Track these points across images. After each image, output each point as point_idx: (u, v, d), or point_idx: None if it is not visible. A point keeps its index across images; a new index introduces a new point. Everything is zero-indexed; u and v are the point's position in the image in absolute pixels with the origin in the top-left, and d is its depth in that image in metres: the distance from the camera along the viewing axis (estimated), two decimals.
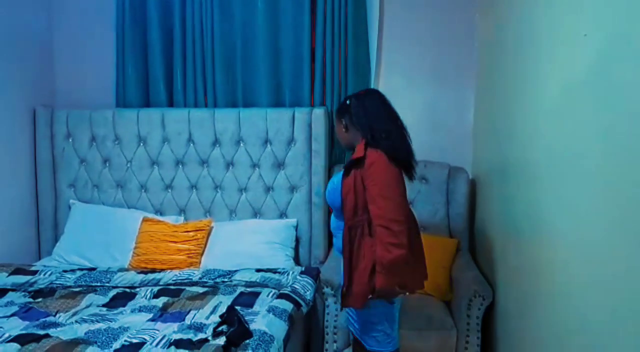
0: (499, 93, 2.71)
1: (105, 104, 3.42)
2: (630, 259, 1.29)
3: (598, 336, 1.46)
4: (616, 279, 1.35)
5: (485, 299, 2.60)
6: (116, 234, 3.06)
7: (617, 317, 1.34)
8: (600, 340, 1.44)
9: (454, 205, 3.14)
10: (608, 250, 1.40)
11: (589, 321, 1.52)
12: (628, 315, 1.28)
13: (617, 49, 1.40)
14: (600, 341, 1.44)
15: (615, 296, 1.35)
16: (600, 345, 1.44)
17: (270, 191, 3.16)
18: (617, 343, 1.35)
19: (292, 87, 3.26)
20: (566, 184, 1.73)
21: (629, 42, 1.32)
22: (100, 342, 2.02)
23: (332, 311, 2.68)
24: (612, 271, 1.38)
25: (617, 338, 1.34)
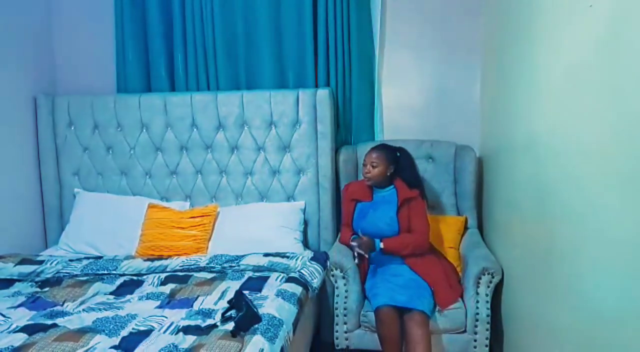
0: (504, 70, 2.64)
1: (107, 90, 3.38)
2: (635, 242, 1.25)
3: (608, 312, 1.43)
4: (626, 256, 1.32)
5: (494, 276, 2.58)
6: (122, 222, 3.04)
7: (628, 295, 1.31)
8: (611, 315, 1.41)
9: (461, 183, 3.10)
10: (617, 227, 1.36)
11: (598, 298, 1.49)
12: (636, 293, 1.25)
13: (625, 21, 1.33)
14: (611, 316, 1.40)
15: (626, 274, 1.32)
16: (610, 320, 1.40)
17: (276, 174, 3.13)
18: (628, 321, 1.31)
19: (295, 68, 3.20)
20: (573, 162, 1.69)
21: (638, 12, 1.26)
22: (108, 331, 2.00)
23: (342, 293, 2.66)
24: (622, 248, 1.34)
25: (628, 316, 1.31)
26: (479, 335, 2.59)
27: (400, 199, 2.68)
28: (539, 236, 2.06)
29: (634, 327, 1.28)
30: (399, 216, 2.67)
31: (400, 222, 2.66)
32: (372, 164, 2.69)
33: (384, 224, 2.68)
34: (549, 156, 1.93)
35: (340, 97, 3.20)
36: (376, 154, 2.70)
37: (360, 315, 2.65)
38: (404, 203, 2.67)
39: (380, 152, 2.71)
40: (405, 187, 2.70)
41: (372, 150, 2.73)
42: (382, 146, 2.77)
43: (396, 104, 3.29)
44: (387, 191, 2.75)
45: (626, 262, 1.31)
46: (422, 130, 3.24)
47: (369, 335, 2.63)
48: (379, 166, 2.69)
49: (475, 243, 2.89)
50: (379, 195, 2.77)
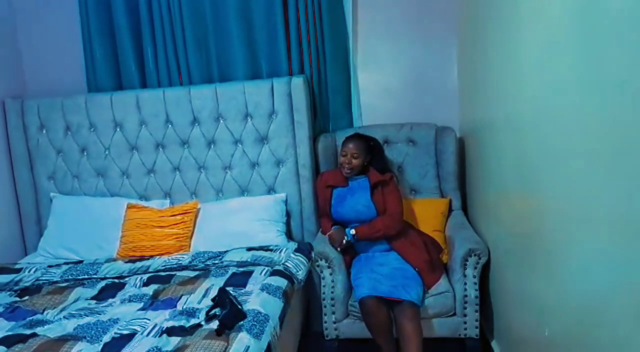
0: (481, 48, 2.61)
1: (77, 90, 3.28)
2: (624, 211, 1.23)
3: (596, 287, 1.41)
4: (612, 233, 1.29)
5: (481, 257, 2.57)
6: (101, 224, 2.98)
7: (615, 272, 1.29)
8: (598, 292, 1.39)
9: (443, 165, 3.07)
10: (603, 203, 1.34)
11: (585, 275, 1.47)
12: (626, 268, 1.23)
13: None
14: (598, 294, 1.39)
15: (613, 251, 1.30)
16: (598, 297, 1.39)
17: (255, 167, 3.07)
18: (615, 297, 1.30)
19: (268, 57, 3.14)
20: (554, 139, 1.66)
21: None
22: (89, 337, 1.95)
23: (328, 283, 2.63)
24: (608, 224, 1.32)
25: (615, 292, 1.29)
26: (468, 317, 2.58)
27: (372, 182, 2.72)
28: (524, 214, 2.04)
29: (621, 304, 1.26)
30: (373, 199, 2.71)
31: (376, 205, 2.70)
32: (353, 155, 2.71)
33: (362, 207, 2.71)
34: (531, 134, 1.90)
35: (316, 85, 3.15)
36: (355, 145, 2.72)
37: (348, 304, 2.63)
38: (377, 186, 2.72)
39: (358, 143, 2.73)
40: (377, 173, 2.75)
41: (350, 141, 2.74)
42: (358, 136, 2.79)
43: (373, 89, 3.25)
44: (361, 178, 2.79)
45: (612, 238, 1.29)
46: (401, 114, 3.20)
47: (358, 324, 2.61)
48: (359, 157, 2.72)
49: (460, 225, 2.88)
50: (353, 182, 2.80)
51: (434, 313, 2.56)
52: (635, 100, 1.13)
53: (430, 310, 2.55)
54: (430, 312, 2.55)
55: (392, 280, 2.49)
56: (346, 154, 2.72)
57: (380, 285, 2.46)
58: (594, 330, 1.43)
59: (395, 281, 2.49)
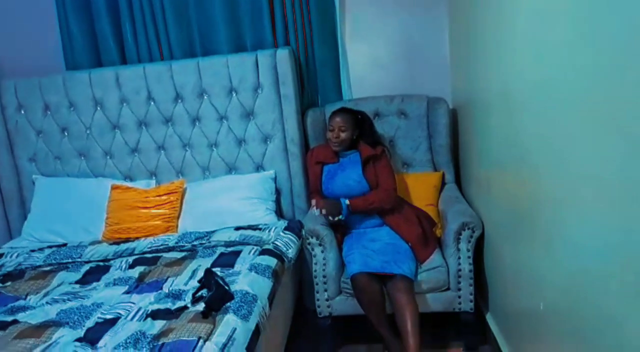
0: (473, 16, 2.50)
1: (55, 69, 3.17)
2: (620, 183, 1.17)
3: (590, 260, 1.36)
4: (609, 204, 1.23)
5: (474, 231, 2.51)
6: (85, 206, 2.90)
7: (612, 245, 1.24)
8: (594, 266, 1.34)
9: (436, 137, 2.99)
10: (599, 174, 1.27)
11: (582, 248, 1.42)
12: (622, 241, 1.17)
13: None
14: (594, 267, 1.34)
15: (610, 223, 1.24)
16: (594, 271, 1.33)
17: (242, 144, 2.99)
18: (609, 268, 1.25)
19: (252, 29, 3.02)
20: (549, 111, 1.58)
21: None
22: (72, 322, 1.89)
23: (320, 261, 2.57)
24: (604, 195, 1.26)
25: (612, 264, 1.24)
26: (462, 291, 2.53)
27: (364, 157, 2.64)
28: (519, 186, 1.97)
29: (617, 277, 1.21)
30: (365, 174, 2.63)
31: (368, 180, 2.62)
32: (341, 129, 2.63)
33: (354, 183, 2.64)
34: (526, 106, 1.82)
35: (303, 57, 3.04)
36: (341, 118, 2.64)
37: (341, 281, 2.57)
38: (369, 161, 2.64)
39: (346, 116, 2.65)
40: (368, 148, 2.66)
41: (337, 115, 2.66)
42: (345, 110, 2.71)
43: (363, 60, 3.14)
44: (352, 153, 2.70)
45: (609, 211, 1.23)
46: (392, 86, 3.11)
47: (351, 300, 2.55)
48: (347, 130, 2.64)
49: (453, 198, 2.81)
50: (344, 157, 2.71)
51: (428, 288, 2.51)
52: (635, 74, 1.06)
53: (424, 285, 2.50)
54: (424, 287, 2.50)
55: (383, 255, 2.44)
56: (333, 128, 2.64)
57: (372, 261, 2.41)
58: (588, 304, 1.38)
59: (387, 256, 2.43)
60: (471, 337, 2.60)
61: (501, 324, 2.45)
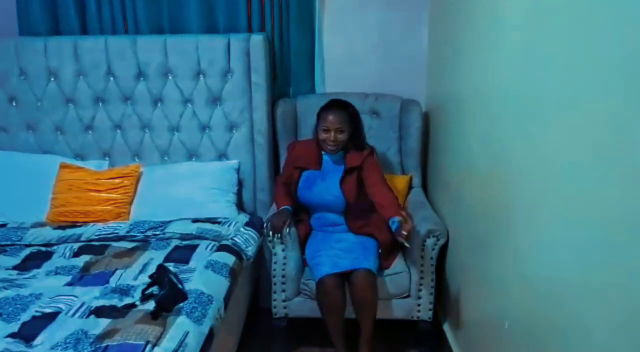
0: (455, 13, 2.43)
1: (7, 32, 2.91)
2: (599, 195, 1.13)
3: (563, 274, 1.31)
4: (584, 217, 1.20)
5: (439, 239, 2.46)
6: (30, 184, 2.67)
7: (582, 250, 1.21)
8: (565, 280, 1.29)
9: (407, 140, 2.92)
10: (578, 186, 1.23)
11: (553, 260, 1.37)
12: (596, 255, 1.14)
13: None
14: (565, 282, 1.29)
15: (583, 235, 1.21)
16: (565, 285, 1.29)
17: (206, 130, 2.82)
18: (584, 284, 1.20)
19: (226, 10, 2.84)
20: (527, 116, 1.55)
21: None
22: (6, 315, 1.73)
23: (280, 260, 2.47)
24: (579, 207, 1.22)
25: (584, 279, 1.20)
26: (422, 299, 2.48)
27: (347, 167, 2.44)
28: (490, 193, 1.93)
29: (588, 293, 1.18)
30: (343, 186, 2.44)
31: (344, 192, 2.44)
32: (338, 130, 2.36)
33: (331, 197, 2.46)
34: (502, 110, 1.78)
35: (277, 45, 2.90)
36: (338, 117, 2.36)
37: (300, 283, 2.47)
38: (352, 171, 2.45)
39: (342, 114, 2.38)
40: (355, 155, 2.45)
41: (331, 113, 2.38)
42: (338, 105, 2.43)
43: (338, 53, 3.02)
44: (337, 157, 2.49)
45: (585, 223, 1.20)
46: (366, 82, 3.01)
47: (309, 303, 2.46)
48: (345, 131, 2.38)
49: (419, 203, 2.75)
50: (328, 161, 2.50)
51: (388, 294, 2.45)
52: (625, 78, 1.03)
53: (385, 291, 2.43)
54: (386, 293, 2.44)
55: (351, 253, 2.36)
56: (328, 129, 2.36)
57: (341, 260, 2.31)
58: (556, 319, 1.34)
59: (355, 253, 2.36)
60: (427, 347, 2.56)
61: (459, 335, 2.42)
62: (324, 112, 2.41)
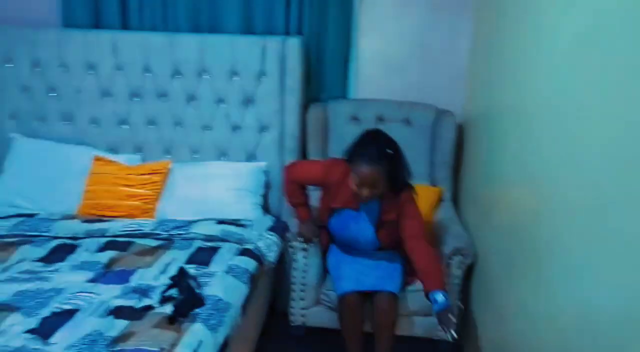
0: (500, 26, 2.34)
1: (50, 22, 2.96)
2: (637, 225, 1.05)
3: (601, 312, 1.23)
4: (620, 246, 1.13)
5: (466, 257, 2.39)
6: (64, 174, 2.71)
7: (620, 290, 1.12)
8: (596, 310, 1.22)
9: (438, 151, 2.85)
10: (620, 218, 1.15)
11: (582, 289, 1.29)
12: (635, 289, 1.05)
13: None
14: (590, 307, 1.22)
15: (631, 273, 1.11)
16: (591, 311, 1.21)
17: (237, 130, 2.82)
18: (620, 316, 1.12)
19: (264, 11, 2.83)
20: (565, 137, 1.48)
21: None
22: (26, 308, 1.75)
23: (301, 267, 2.45)
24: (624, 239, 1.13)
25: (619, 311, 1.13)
26: None
27: (383, 219, 2.23)
28: (522, 217, 1.85)
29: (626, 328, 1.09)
30: (379, 234, 2.28)
31: (380, 241, 2.30)
32: (372, 185, 2.00)
33: (365, 240, 2.31)
34: (540, 130, 1.70)
35: (314, 47, 2.86)
36: (374, 172, 1.97)
37: (321, 293, 2.44)
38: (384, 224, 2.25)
39: (378, 168, 1.98)
40: (391, 197, 2.17)
41: (365, 164, 1.97)
42: (377, 155, 2.00)
43: (374, 59, 2.97)
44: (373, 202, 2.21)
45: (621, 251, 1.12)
46: (400, 90, 2.95)
47: (328, 313, 2.44)
48: (379, 187, 2.03)
49: (449, 219, 2.67)
50: (364, 206, 2.23)
51: (411, 311, 2.40)
52: None
53: (407, 307, 2.38)
54: (408, 309, 2.39)
55: (376, 270, 2.30)
56: (361, 183, 2.00)
57: (365, 278, 2.25)
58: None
59: (380, 271, 2.30)
60: None
61: None
62: (357, 161, 2.01)
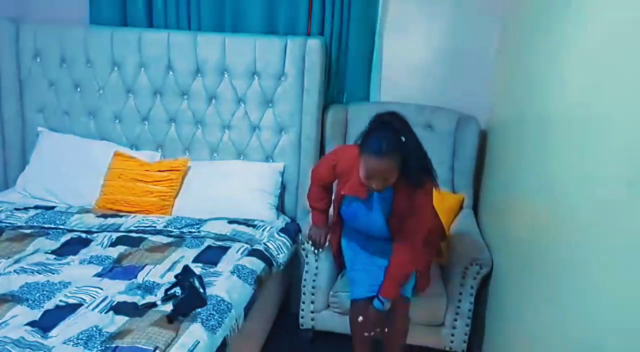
0: (529, 27, 2.25)
1: (79, 20, 3.02)
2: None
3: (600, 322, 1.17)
4: None
5: (482, 268, 2.32)
6: (85, 168, 2.77)
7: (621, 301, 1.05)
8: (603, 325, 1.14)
9: (460, 158, 2.78)
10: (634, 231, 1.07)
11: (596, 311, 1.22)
12: None
13: None
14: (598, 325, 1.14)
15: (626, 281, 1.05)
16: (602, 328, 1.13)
17: (256, 131, 2.81)
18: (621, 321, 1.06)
19: (286, 12, 2.81)
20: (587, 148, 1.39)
21: None
22: (32, 300, 1.77)
23: (312, 270, 2.42)
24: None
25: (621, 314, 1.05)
26: (457, 330, 2.36)
27: (395, 210, 2.04)
28: (539, 231, 1.77)
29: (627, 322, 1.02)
30: (389, 222, 2.08)
31: (390, 228, 2.10)
32: (382, 178, 1.85)
33: (376, 229, 2.13)
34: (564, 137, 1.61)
35: (335, 49, 2.83)
36: (383, 163, 1.80)
37: (330, 295, 2.41)
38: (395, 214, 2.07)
39: (391, 159, 1.80)
40: (405, 190, 1.96)
41: (378, 157, 1.79)
42: (387, 144, 1.80)
43: (397, 61, 2.91)
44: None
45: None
46: (423, 94, 2.88)
47: (337, 317, 2.41)
48: (393, 177, 1.86)
49: (467, 227, 2.60)
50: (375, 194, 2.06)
51: (421, 320, 2.34)
52: None
53: (419, 316, 2.32)
54: (419, 318, 2.33)
55: None
56: (372, 176, 1.84)
57: (378, 282, 2.15)
58: None
59: None
60: None
61: None
62: (366, 152, 1.83)
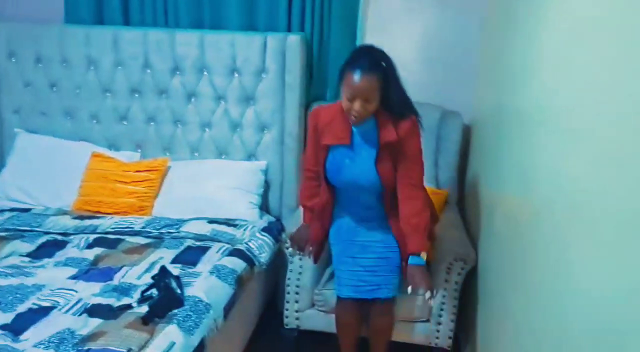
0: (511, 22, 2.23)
1: (55, 19, 2.96)
2: None
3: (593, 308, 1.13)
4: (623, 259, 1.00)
5: (466, 263, 2.29)
6: (63, 170, 2.72)
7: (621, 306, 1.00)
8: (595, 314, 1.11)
9: (444, 153, 2.75)
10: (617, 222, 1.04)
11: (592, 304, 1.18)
12: None
13: None
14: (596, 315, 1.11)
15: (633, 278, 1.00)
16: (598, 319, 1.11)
17: (237, 129, 2.77)
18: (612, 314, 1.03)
19: (266, 8, 2.77)
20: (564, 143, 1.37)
21: None
22: (4, 303, 1.73)
23: (296, 269, 2.38)
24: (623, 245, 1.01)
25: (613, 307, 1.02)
26: (442, 325, 2.33)
27: (382, 142, 1.87)
28: (520, 226, 1.74)
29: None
30: (379, 167, 1.91)
31: (381, 175, 1.92)
32: (366, 99, 1.74)
33: (365, 180, 1.95)
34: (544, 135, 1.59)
35: (316, 45, 2.80)
36: (368, 82, 1.72)
37: (314, 293, 2.37)
38: (386, 147, 1.89)
39: (370, 75, 1.72)
40: (390, 125, 1.84)
41: (358, 73, 1.72)
42: (369, 63, 1.75)
43: None
44: (367, 126, 1.88)
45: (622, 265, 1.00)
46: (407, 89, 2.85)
47: (322, 316, 2.37)
48: (374, 100, 1.76)
49: (452, 222, 2.58)
50: (357, 133, 1.92)
51: (406, 316, 2.31)
52: None
53: (404, 313, 2.29)
54: (404, 315, 2.30)
55: (374, 276, 2.14)
56: (353, 96, 1.74)
57: (363, 285, 2.11)
58: None
59: (377, 278, 2.14)
60: None
61: None
62: (349, 71, 1.75)
